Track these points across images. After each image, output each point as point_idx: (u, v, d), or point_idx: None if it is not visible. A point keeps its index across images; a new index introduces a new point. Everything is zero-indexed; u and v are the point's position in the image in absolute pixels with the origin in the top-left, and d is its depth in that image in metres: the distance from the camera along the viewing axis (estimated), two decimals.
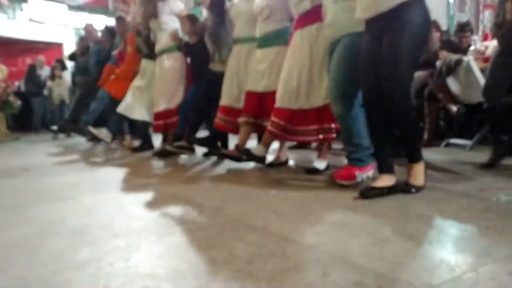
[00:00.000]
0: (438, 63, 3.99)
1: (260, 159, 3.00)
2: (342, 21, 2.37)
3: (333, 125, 2.76)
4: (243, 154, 3.03)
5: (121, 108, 4.29)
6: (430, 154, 3.39)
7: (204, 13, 4.23)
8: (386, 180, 2.14)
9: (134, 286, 1.20)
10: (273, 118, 2.85)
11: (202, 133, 4.11)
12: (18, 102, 6.93)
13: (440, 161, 3.17)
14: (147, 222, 1.87)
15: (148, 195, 2.44)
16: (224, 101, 3.43)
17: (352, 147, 2.41)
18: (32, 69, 9.27)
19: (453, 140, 4.06)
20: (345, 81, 2.34)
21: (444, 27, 6.54)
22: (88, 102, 5.75)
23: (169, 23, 4.02)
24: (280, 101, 2.84)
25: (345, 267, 1.27)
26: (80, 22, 11.31)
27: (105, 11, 11.65)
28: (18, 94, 7.54)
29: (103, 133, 4.22)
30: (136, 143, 4.62)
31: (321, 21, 2.65)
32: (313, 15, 2.71)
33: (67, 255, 1.48)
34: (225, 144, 3.87)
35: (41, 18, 10.42)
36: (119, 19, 4.88)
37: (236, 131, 3.46)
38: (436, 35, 4.48)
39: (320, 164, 2.90)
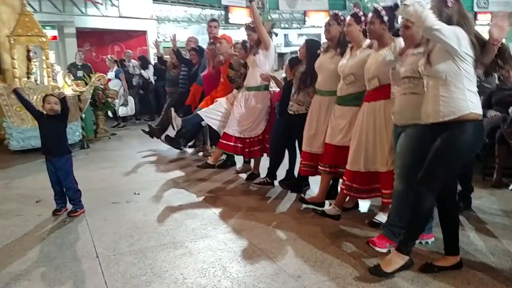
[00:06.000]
0: (511, 110, 4.10)
1: (335, 217, 3.45)
2: (407, 112, 2.73)
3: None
4: (319, 214, 3.50)
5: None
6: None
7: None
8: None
9: None
10: (346, 182, 3.31)
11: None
12: (115, 101, 7.85)
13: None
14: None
15: (242, 247, 3.00)
16: (305, 147, 3.88)
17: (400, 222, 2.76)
18: (121, 63, 10.01)
19: None
20: (411, 168, 2.68)
21: None
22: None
23: (264, 65, 4.55)
24: (351, 165, 3.30)
25: None
26: (162, 12, 12.08)
27: (185, 2, 12.27)
28: None
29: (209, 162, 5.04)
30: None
31: (386, 99, 3.06)
32: (380, 93, 3.11)
33: None
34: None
35: (129, 12, 11.26)
36: (211, 44, 5.44)
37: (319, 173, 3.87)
38: None
39: (382, 218, 3.31)
